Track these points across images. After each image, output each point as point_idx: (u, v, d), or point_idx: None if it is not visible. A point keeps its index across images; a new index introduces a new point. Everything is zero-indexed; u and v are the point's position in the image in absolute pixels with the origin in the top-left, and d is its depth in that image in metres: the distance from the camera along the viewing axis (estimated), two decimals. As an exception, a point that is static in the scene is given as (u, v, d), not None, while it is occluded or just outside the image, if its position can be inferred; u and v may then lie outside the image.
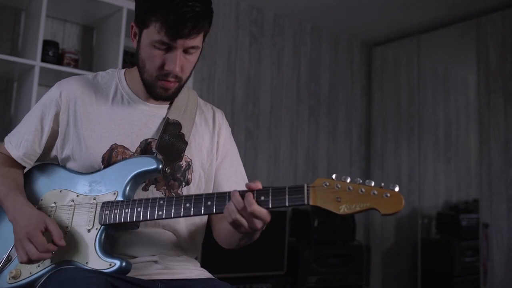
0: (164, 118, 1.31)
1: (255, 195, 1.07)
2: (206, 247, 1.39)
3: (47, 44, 2.46)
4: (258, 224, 1.07)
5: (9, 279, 1.19)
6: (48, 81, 2.48)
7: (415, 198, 3.69)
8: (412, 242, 3.68)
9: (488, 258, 3.18)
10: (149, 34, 1.18)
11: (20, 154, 1.31)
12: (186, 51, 1.21)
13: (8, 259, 1.22)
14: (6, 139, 1.36)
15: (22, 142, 1.30)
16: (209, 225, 1.38)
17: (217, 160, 1.37)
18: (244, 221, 1.06)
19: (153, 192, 1.26)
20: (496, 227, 3.17)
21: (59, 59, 2.53)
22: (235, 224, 1.07)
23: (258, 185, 1.08)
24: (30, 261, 1.13)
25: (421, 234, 3.63)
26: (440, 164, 3.84)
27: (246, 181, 1.40)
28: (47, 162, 1.35)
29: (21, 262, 1.14)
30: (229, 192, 1.09)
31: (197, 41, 1.20)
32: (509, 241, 3.10)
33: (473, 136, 3.49)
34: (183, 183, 1.29)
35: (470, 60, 3.46)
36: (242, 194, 1.07)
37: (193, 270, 1.29)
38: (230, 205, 1.07)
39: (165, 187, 1.26)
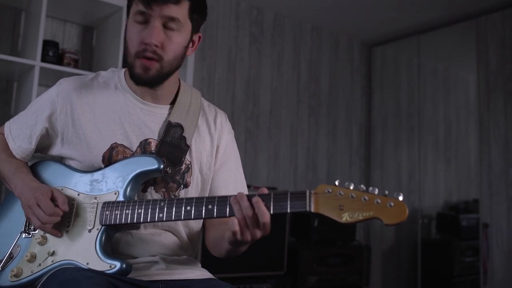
0: (165, 120, 1.30)
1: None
2: (207, 247, 1.39)
3: (47, 44, 2.46)
4: (259, 234, 1.06)
5: (11, 277, 1.19)
6: (48, 81, 2.47)
7: (415, 198, 3.69)
8: (412, 242, 3.68)
9: (488, 258, 3.18)
10: (131, 11, 1.21)
11: (15, 146, 1.33)
12: (166, 25, 1.19)
13: (10, 257, 1.22)
14: (7, 125, 1.37)
15: (19, 135, 1.33)
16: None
17: (215, 164, 1.35)
18: (247, 231, 1.05)
19: (152, 194, 1.25)
20: (496, 227, 3.17)
21: (59, 59, 2.53)
22: (236, 234, 1.05)
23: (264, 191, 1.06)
24: (42, 226, 1.16)
25: (421, 234, 3.63)
26: (440, 164, 3.84)
27: (245, 187, 1.39)
28: (47, 159, 1.35)
29: (35, 228, 1.19)
30: (231, 196, 1.07)
31: (177, 11, 1.18)
32: (509, 241, 3.10)
33: (473, 136, 3.49)
34: (182, 186, 1.28)
35: (470, 60, 3.46)
36: (250, 199, 1.04)
37: (194, 270, 1.29)
38: (239, 212, 1.03)
39: (164, 189, 1.26)
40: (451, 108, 3.90)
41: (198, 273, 1.29)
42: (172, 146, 1.26)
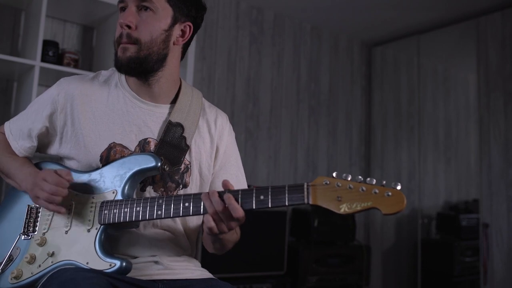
0: (165, 119, 1.29)
1: (254, 194, 1.06)
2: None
3: (47, 44, 2.46)
4: (234, 225, 1.09)
5: (11, 279, 1.19)
6: (48, 81, 2.47)
7: (415, 198, 3.69)
8: (412, 242, 3.68)
9: (488, 258, 3.18)
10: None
11: (17, 146, 1.33)
12: (140, 7, 1.23)
13: (10, 259, 1.22)
14: (6, 125, 1.38)
15: (20, 134, 1.33)
16: None
17: (215, 166, 1.35)
18: (222, 223, 1.08)
19: (151, 193, 1.25)
20: (496, 227, 3.17)
21: (59, 59, 2.52)
22: (212, 229, 1.09)
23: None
24: (50, 197, 1.15)
25: (421, 234, 3.63)
26: (440, 164, 3.84)
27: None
28: (46, 160, 1.35)
29: (44, 201, 1.16)
30: (227, 190, 1.09)
31: None
32: (509, 241, 3.10)
33: (473, 136, 3.49)
34: (181, 186, 1.28)
35: (470, 60, 3.45)
36: (221, 196, 1.07)
37: (194, 270, 1.29)
38: (210, 208, 1.07)
39: (162, 189, 1.26)
40: (451, 108, 3.89)
41: (198, 273, 1.29)
42: (171, 146, 1.26)
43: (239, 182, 1.38)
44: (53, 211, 1.19)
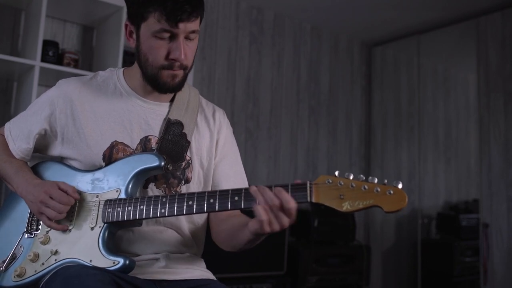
0: (165, 117, 1.31)
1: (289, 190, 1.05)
2: (206, 247, 1.40)
3: (47, 44, 2.46)
4: (287, 222, 1.06)
5: (14, 277, 1.19)
6: (48, 81, 2.47)
7: (415, 198, 3.69)
8: (412, 242, 3.68)
9: (488, 258, 3.18)
10: (149, 26, 1.19)
11: (15, 147, 1.33)
12: (187, 37, 1.22)
13: (13, 258, 1.22)
14: (7, 126, 1.38)
15: (19, 136, 1.33)
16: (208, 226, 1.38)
17: (215, 159, 1.37)
18: (274, 220, 1.05)
19: (153, 190, 1.26)
20: (496, 227, 3.17)
21: (59, 59, 2.53)
22: (264, 223, 1.04)
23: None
24: (58, 216, 1.17)
25: (421, 234, 3.63)
26: (440, 164, 3.84)
27: (246, 181, 1.40)
28: (47, 160, 1.35)
29: (50, 219, 1.18)
30: (232, 190, 1.09)
31: (196, 24, 1.21)
32: (509, 241, 3.10)
33: (473, 136, 3.49)
34: (183, 181, 1.29)
35: (470, 60, 3.46)
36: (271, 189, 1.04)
37: (195, 270, 1.29)
38: (263, 203, 1.03)
39: (165, 185, 1.27)
40: (451, 108, 3.90)
41: (198, 273, 1.29)
42: (172, 143, 1.27)
43: (238, 175, 1.39)
44: (58, 229, 1.20)
